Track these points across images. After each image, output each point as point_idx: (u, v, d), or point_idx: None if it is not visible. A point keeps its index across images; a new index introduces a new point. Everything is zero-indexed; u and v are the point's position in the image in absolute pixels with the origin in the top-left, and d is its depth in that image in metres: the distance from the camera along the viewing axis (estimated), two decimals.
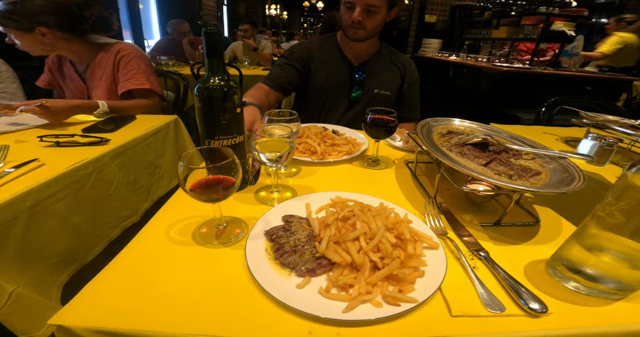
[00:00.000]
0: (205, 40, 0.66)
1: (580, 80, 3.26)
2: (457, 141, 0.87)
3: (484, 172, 0.73)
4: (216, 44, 0.67)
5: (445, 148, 0.85)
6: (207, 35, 0.65)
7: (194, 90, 0.71)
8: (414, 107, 1.61)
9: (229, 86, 0.71)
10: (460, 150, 0.83)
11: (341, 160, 1.03)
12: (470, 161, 0.78)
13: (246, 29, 3.91)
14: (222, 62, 0.70)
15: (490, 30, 4.42)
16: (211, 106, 0.71)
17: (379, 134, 0.97)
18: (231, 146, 0.78)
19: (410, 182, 0.96)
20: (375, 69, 1.52)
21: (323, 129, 1.12)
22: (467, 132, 0.96)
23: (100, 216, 1.09)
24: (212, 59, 0.69)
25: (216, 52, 0.69)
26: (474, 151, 0.83)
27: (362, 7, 1.32)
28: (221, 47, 0.69)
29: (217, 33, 0.66)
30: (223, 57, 0.71)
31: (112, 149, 1.13)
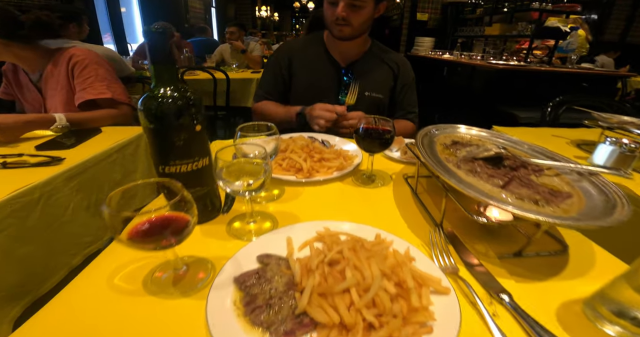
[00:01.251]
0: (148, 42, 0.52)
1: (576, 77, 3.16)
2: (465, 155, 0.74)
3: (504, 198, 0.60)
4: (162, 46, 0.53)
5: (452, 164, 0.71)
6: (149, 36, 0.51)
7: (138, 104, 0.56)
8: (410, 108, 1.47)
9: (183, 98, 0.57)
10: (470, 167, 0.69)
11: (331, 178, 0.89)
12: (484, 182, 0.65)
13: (233, 31, 3.77)
14: (173, 69, 0.56)
15: (483, 27, 4.32)
16: (161, 125, 0.57)
17: (373, 147, 0.83)
18: (192, 172, 0.64)
19: (411, 203, 0.82)
20: (365, 70, 1.38)
21: (310, 141, 0.98)
22: (475, 142, 0.83)
23: (56, 244, 0.96)
24: (158, 65, 0.55)
25: (163, 56, 0.54)
26: (487, 168, 0.69)
27: (345, 2, 1.18)
28: (168, 50, 0.55)
29: (161, 33, 0.52)
30: (174, 62, 0.57)
31: (65, 170, 0.99)
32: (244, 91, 2.89)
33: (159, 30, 0.52)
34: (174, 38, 3.84)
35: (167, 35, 0.53)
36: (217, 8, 8.68)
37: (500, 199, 0.59)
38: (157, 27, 0.52)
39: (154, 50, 0.53)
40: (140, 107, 0.56)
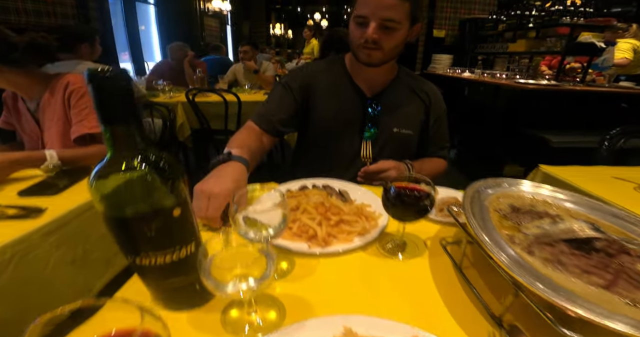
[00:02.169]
0: (95, 93, 0.36)
1: (613, 97, 2.91)
2: (538, 235, 0.55)
3: (613, 308, 0.41)
4: (117, 98, 0.37)
5: (520, 246, 0.53)
6: (95, 84, 0.35)
7: (89, 184, 0.41)
8: (441, 144, 1.28)
9: (153, 175, 0.41)
10: (550, 255, 0.51)
11: (352, 248, 0.72)
12: (576, 278, 0.46)
13: (246, 51, 3.69)
14: (135, 131, 0.40)
15: (506, 43, 4.13)
16: (121, 213, 0.41)
17: (406, 216, 0.66)
18: (174, 262, 0.48)
19: (455, 281, 0.64)
20: (394, 101, 1.19)
21: (327, 195, 0.81)
22: (539, 207, 0.64)
23: (34, 301, 0.83)
24: (112, 127, 0.38)
25: (120, 112, 0.38)
26: (574, 256, 0.50)
27: (377, 23, 0.99)
28: (129, 104, 0.38)
29: (113, 79, 0.35)
30: (139, 120, 0.40)
31: (43, 225, 0.85)
32: None
33: (109, 75, 0.35)
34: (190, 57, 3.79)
35: (126, 82, 0.37)
36: (232, 26, 8.79)
37: (607, 307, 0.40)
38: (108, 70, 0.35)
39: (103, 105, 0.37)
40: (91, 186, 0.40)
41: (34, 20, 2.97)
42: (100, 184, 0.40)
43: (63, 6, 3.25)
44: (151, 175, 0.41)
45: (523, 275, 0.46)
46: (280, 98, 1.21)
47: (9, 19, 2.77)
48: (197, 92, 2.74)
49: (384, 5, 0.97)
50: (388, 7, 0.97)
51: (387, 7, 0.97)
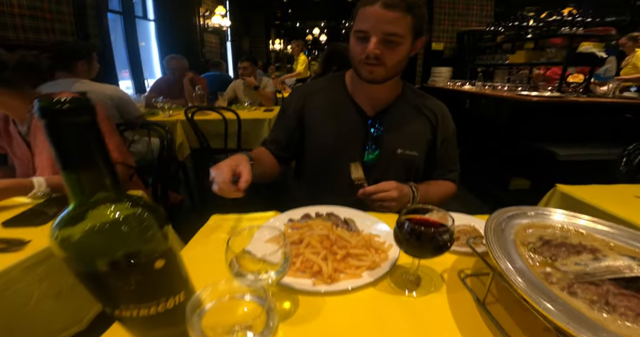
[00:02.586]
0: (48, 130, 0.29)
1: (618, 108, 2.87)
2: (579, 272, 0.48)
3: None
4: (75, 137, 0.30)
5: (559, 287, 0.46)
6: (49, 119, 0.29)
7: (51, 235, 0.34)
8: (450, 166, 1.19)
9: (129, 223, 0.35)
10: (595, 295, 0.44)
11: (361, 285, 0.65)
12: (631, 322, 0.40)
13: (246, 67, 3.67)
14: (105, 175, 0.34)
15: (505, 55, 4.12)
16: (92, 268, 0.35)
17: (423, 253, 0.59)
18: (159, 314, 0.41)
19: (479, 321, 0.57)
20: (397, 120, 1.13)
21: (332, 227, 0.74)
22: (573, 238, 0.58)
23: (19, 334, 0.79)
24: (75, 172, 0.32)
25: (81, 154, 0.32)
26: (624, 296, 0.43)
27: (379, 37, 0.94)
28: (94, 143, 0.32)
29: (73, 111, 0.29)
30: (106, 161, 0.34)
31: (24, 259, 0.80)
32: (257, 132, 2.71)
33: (68, 106, 0.29)
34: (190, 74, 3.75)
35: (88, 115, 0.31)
36: (232, 42, 8.88)
37: None
38: (66, 102, 0.29)
39: (61, 146, 0.30)
40: (54, 238, 0.34)
41: (32, 36, 2.95)
42: (64, 237, 0.34)
43: (62, 23, 3.24)
44: (126, 225, 0.35)
45: (568, 322, 0.39)
46: (279, 123, 1.22)
47: (7, 35, 2.73)
48: (196, 110, 2.70)
49: (386, 19, 0.92)
50: (390, 21, 0.93)
51: (389, 21, 0.93)
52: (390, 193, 0.96)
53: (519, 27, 3.97)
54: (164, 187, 1.82)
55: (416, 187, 1.05)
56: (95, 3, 3.67)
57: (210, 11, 6.69)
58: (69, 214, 0.33)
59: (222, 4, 7.60)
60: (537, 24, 3.65)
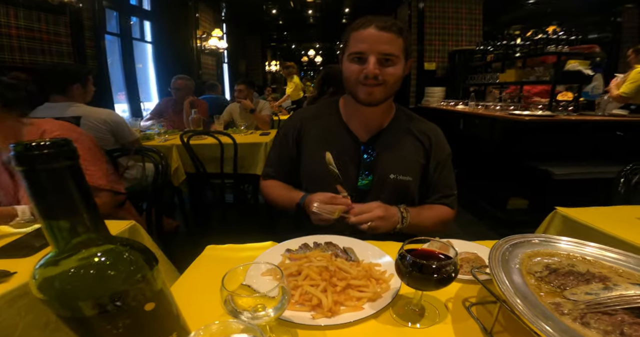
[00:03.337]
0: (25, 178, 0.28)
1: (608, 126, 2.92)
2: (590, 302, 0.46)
3: None
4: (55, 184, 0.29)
5: (571, 318, 0.44)
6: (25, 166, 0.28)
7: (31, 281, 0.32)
8: (447, 191, 1.16)
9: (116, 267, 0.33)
10: (610, 325, 0.42)
11: (362, 317, 0.62)
12: None
13: (241, 89, 3.70)
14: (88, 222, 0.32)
15: (496, 74, 4.21)
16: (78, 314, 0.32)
17: (427, 286, 0.57)
18: None
19: None
20: (390, 145, 1.12)
21: (331, 257, 0.72)
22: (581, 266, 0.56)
23: None
24: (54, 222, 0.30)
25: (62, 202, 0.30)
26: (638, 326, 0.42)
27: (377, 57, 0.97)
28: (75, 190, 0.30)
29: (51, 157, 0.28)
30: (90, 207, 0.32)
31: (9, 291, 0.77)
32: (253, 157, 2.69)
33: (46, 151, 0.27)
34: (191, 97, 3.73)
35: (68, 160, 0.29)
36: (229, 64, 9.02)
37: None
38: (42, 146, 0.27)
39: (39, 194, 0.29)
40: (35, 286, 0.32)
41: (28, 58, 2.96)
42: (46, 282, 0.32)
43: (59, 44, 3.25)
44: (111, 269, 0.33)
45: None
46: (280, 153, 1.24)
47: (3, 57, 2.72)
48: (192, 134, 2.69)
49: (382, 40, 0.97)
50: (385, 42, 0.97)
51: (385, 41, 0.97)
52: (375, 213, 0.95)
53: (507, 46, 4.08)
54: (159, 213, 1.78)
55: (406, 209, 1.03)
56: (93, 25, 3.72)
57: (208, 33, 6.84)
58: (50, 260, 0.32)
59: (219, 26, 7.77)
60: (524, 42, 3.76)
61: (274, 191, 1.22)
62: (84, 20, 3.55)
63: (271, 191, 1.22)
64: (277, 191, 1.20)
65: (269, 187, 1.24)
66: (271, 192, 1.22)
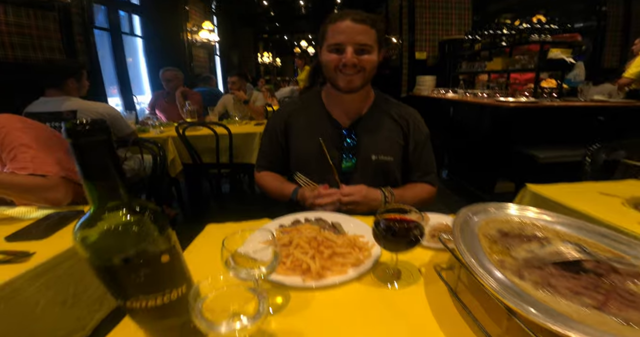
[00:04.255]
0: (75, 147, 0.36)
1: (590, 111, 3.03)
2: (528, 259, 0.56)
3: (608, 329, 0.42)
4: (98, 152, 0.37)
5: (510, 271, 0.54)
6: (75, 138, 0.36)
7: (74, 236, 0.41)
8: (427, 169, 1.27)
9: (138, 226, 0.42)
10: (540, 278, 0.51)
11: (347, 280, 0.72)
12: (567, 300, 0.47)
13: (234, 81, 3.75)
14: (118, 183, 0.41)
15: (484, 62, 4.30)
16: (108, 263, 0.41)
17: (398, 247, 0.66)
18: (164, 305, 0.47)
19: (451, 307, 0.64)
20: (371, 129, 1.22)
21: (319, 230, 0.81)
22: (529, 231, 0.66)
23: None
24: (95, 180, 0.39)
25: (102, 166, 0.38)
26: (565, 279, 0.51)
27: (354, 47, 1.08)
28: (110, 157, 0.39)
29: (93, 131, 0.36)
30: (120, 172, 0.41)
31: (29, 269, 0.84)
32: (248, 147, 2.77)
33: (88, 128, 0.36)
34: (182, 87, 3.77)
35: (106, 134, 0.38)
36: (221, 56, 8.98)
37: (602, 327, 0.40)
38: (86, 124, 0.36)
39: (88, 159, 0.37)
40: (76, 239, 0.40)
41: (20, 54, 2.98)
42: (85, 237, 0.40)
43: (49, 40, 3.27)
44: (137, 226, 0.41)
45: (513, 300, 0.46)
46: (270, 144, 1.32)
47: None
48: (187, 126, 2.76)
49: (357, 32, 1.07)
50: (360, 33, 1.07)
51: (360, 32, 1.07)
52: (354, 197, 1.06)
53: (494, 35, 4.16)
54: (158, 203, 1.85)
55: (390, 191, 1.13)
56: (82, 20, 3.72)
57: (198, 26, 6.80)
58: (88, 218, 0.40)
59: (210, 19, 7.72)
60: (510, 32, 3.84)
61: (266, 181, 1.32)
62: (73, 15, 3.55)
63: (264, 182, 1.32)
64: (270, 184, 1.30)
65: (262, 179, 1.34)
66: (264, 184, 1.32)
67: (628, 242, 0.62)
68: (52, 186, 1.22)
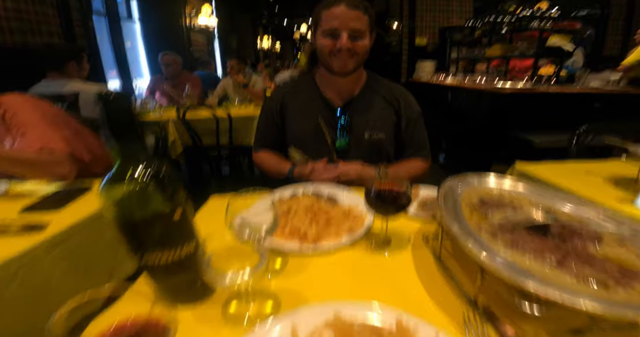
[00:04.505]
0: (105, 111, 0.43)
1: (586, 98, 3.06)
2: (502, 223, 0.62)
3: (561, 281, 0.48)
4: (123, 116, 0.44)
5: (486, 233, 0.60)
6: (105, 104, 0.42)
7: (100, 190, 0.47)
8: (420, 146, 1.33)
9: (156, 182, 0.47)
10: (511, 239, 0.58)
11: (340, 246, 0.78)
12: (532, 259, 0.53)
13: (232, 65, 3.77)
14: (140, 144, 0.47)
15: (484, 49, 4.30)
16: (129, 217, 0.47)
17: (387, 212, 0.72)
18: (175, 262, 0.53)
19: (436, 272, 0.70)
20: (363, 108, 1.28)
21: (316, 200, 0.87)
22: (508, 201, 0.72)
23: (39, 313, 0.84)
24: (121, 140, 0.45)
25: (126, 129, 0.45)
26: (532, 240, 0.57)
27: (348, 33, 1.12)
28: (133, 121, 0.46)
29: (120, 99, 0.43)
30: (140, 136, 0.48)
31: (46, 240, 0.89)
32: (247, 129, 2.82)
33: (118, 96, 0.43)
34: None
35: (129, 103, 0.45)
36: (219, 40, 8.89)
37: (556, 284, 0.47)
38: (113, 93, 0.43)
39: (114, 122, 0.44)
40: (102, 194, 0.46)
41: (19, 39, 2.98)
42: (109, 191, 0.46)
43: (47, 25, 3.26)
44: (154, 182, 0.47)
45: (487, 257, 0.52)
46: (267, 124, 1.37)
47: None
48: (187, 109, 2.79)
49: (352, 18, 1.11)
50: (355, 19, 1.12)
51: (354, 18, 1.11)
52: (350, 175, 1.14)
53: (494, 22, 4.15)
54: None
55: (385, 168, 1.20)
56: (79, 5, 3.69)
57: (197, 10, 6.71)
58: (112, 174, 0.46)
59: (209, 3, 7.60)
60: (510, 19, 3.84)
61: (264, 159, 1.38)
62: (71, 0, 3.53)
63: (263, 162, 1.39)
64: (268, 162, 1.37)
65: (260, 158, 1.40)
66: (263, 163, 1.39)
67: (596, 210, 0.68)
68: (60, 162, 1.27)
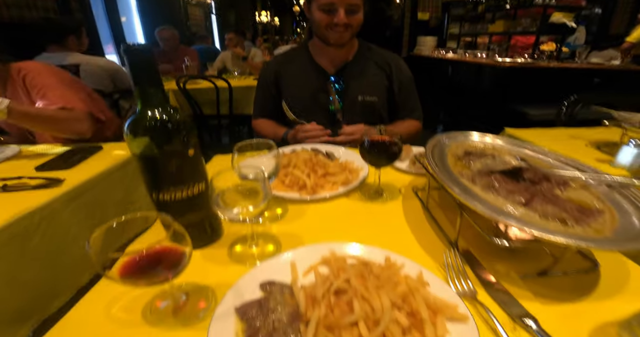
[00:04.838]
0: (130, 62, 0.49)
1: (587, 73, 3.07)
2: (481, 168, 0.68)
3: (527, 218, 0.55)
4: (144, 66, 0.50)
5: (467, 179, 0.66)
6: (129, 55, 0.48)
7: (124, 129, 0.53)
8: (412, 108, 1.41)
9: (173, 122, 0.53)
10: (487, 182, 0.64)
11: (337, 195, 0.85)
12: (503, 198, 0.60)
13: (231, 38, 3.74)
14: (159, 89, 0.53)
15: (486, 24, 4.24)
16: (150, 152, 0.53)
17: (379, 161, 0.79)
18: (188, 198, 0.60)
19: (423, 219, 0.78)
20: (356, 73, 1.34)
21: (314, 154, 0.94)
22: (489, 152, 0.78)
23: (61, 265, 0.94)
24: (142, 87, 0.51)
25: (147, 76, 0.51)
26: (505, 183, 0.64)
27: (345, 8, 1.17)
28: (153, 70, 0.51)
29: (142, 51, 0.49)
30: (160, 82, 0.53)
31: (64, 193, 0.96)
32: (247, 99, 2.84)
33: (141, 48, 0.48)
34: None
35: (150, 54, 0.50)
36: (217, 15, 8.68)
37: (522, 219, 0.54)
38: (137, 45, 0.48)
39: (137, 71, 0.50)
40: (127, 133, 0.52)
41: (16, 13, 2.95)
42: (133, 130, 0.52)
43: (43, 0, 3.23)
44: (170, 123, 0.53)
45: (464, 196, 0.58)
46: (264, 95, 1.44)
47: None
48: (187, 79, 2.80)
49: None
50: None
51: None
52: (354, 136, 1.21)
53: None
54: None
55: (384, 128, 1.27)
56: None
57: None
58: (137, 115, 0.52)
59: None
60: None
61: (262, 126, 1.47)
62: None
63: (261, 129, 1.47)
64: (265, 128, 1.44)
65: (259, 125, 1.48)
66: (261, 129, 1.47)
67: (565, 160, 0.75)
68: (79, 119, 1.37)
